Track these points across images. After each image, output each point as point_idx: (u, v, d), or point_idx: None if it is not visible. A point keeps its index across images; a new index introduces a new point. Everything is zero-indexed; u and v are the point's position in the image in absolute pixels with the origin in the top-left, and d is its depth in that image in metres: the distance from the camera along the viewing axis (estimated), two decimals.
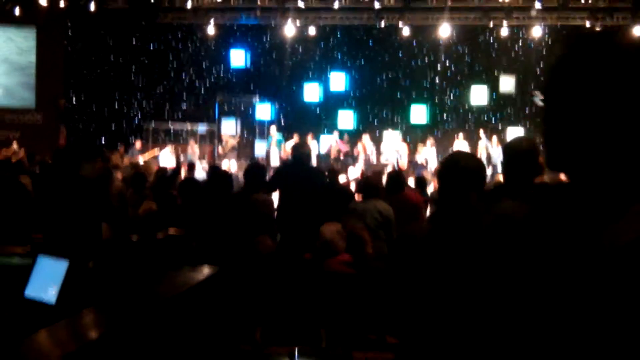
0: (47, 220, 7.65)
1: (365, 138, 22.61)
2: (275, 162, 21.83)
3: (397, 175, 9.85)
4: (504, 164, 4.04)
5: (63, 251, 5.69)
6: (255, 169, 9.37)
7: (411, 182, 13.88)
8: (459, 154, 3.45)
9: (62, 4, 22.26)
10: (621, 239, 1.34)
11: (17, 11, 22.48)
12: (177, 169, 14.07)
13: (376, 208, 8.08)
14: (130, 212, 9.97)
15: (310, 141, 22.49)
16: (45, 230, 7.86)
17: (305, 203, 8.53)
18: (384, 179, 9.83)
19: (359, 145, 22.41)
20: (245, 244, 7.54)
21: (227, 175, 9.12)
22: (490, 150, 21.86)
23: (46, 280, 4.62)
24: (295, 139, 22.03)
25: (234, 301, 5.77)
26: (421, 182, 12.38)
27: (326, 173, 10.55)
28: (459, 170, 3.15)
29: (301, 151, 9.12)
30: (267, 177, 10.06)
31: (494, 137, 22.19)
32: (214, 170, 13.01)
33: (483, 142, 22.19)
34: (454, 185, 3.09)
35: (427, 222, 1.59)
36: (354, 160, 21.96)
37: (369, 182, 8.62)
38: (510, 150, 3.96)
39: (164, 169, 13.17)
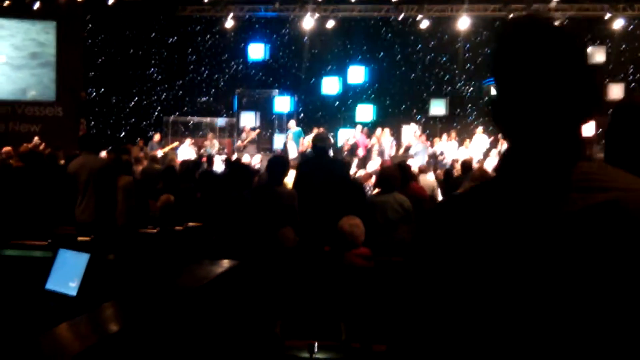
0: None
1: (379, 131, 22.52)
2: (292, 155, 21.82)
3: (404, 168, 9.84)
4: None
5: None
6: (279, 161, 9.36)
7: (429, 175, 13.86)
8: None
9: None
10: (573, 207, 1.44)
11: (36, 5, 22.58)
12: (198, 162, 14.06)
13: (396, 200, 8.05)
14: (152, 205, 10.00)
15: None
16: None
17: (327, 195, 8.50)
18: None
19: (374, 139, 22.33)
20: (269, 237, 7.54)
21: (246, 167, 9.11)
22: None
23: (67, 274, 4.64)
24: (314, 132, 22.03)
25: (254, 294, 5.78)
26: (449, 176, 12.39)
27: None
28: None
29: (322, 143, 9.09)
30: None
31: None
32: (232, 162, 13.02)
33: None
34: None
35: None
36: (369, 153, 21.91)
37: (385, 175, 8.57)
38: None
39: (188, 162, 13.18)
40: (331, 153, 12.64)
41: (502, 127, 1.60)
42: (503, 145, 21.45)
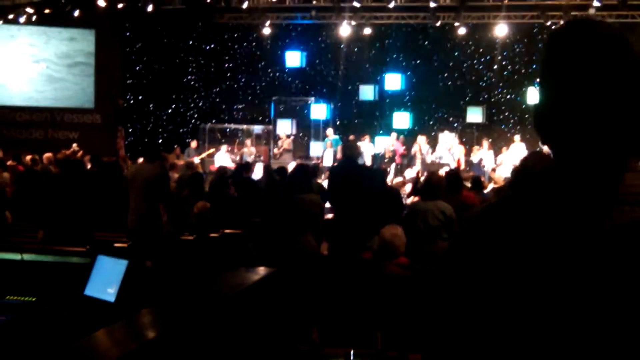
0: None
1: (421, 139, 22.39)
2: (328, 163, 21.81)
3: (456, 176, 9.77)
4: None
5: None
6: (302, 169, 9.38)
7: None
8: None
9: (120, 5, 22.55)
10: (620, 220, 1.41)
11: (76, 13, 22.82)
12: (239, 170, 14.09)
13: (438, 208, 8.00)
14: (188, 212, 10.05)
15: (367, 142, 22.49)
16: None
17: (360, 202, 8.49)
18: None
19: (415, 146, 22.22)
20: (292, 244, 7.55)
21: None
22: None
23: (106, 280, 4.67)
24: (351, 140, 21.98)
25: (292, 302, 5.78)
26: (477, 183, 12.26)
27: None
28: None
29: (350, 151, 9.10)
30: (317, 179, 10.06)
31: None
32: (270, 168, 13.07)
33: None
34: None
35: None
36: (411, 161, 21.83)
37: (430, 182, 8.52)
38: None
39: (223, 169, 13.24)
40: (365, 160, 12.67)
41: (546, 135, 1.54)
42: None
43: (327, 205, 10.24)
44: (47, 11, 22.85)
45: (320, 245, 8.70)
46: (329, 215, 10.95)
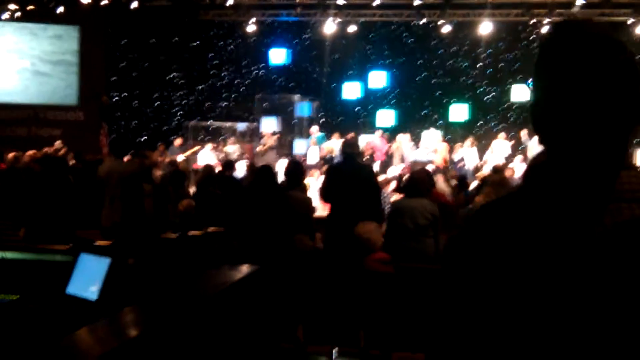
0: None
1: (401, 137, 22.38)
2: (312, 160, 21.77)
3: (428, 175, 9.81)
4: None
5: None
6: (296, 165, 9.36)
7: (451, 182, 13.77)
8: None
9: (104, 2, 22.45)
10: (619, 218, 1.41)
11: (60, 10, 22.69)
12: (224, 168, 14.06)
13: (425, 207, 7.98)
14: (171, 210, 10.02)
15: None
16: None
17: (357, 201, 8.48)
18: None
19: (395, 144, 22.24)
20: (283, 242, 7.54)
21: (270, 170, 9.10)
22: (532, 151, 21.55)
23: (88, 278, 4.65)
24: (335, 137, 21.97)
25: (275, 300, 5.77)
26: (462, 182, 12.31)
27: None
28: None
29: (350, 149, 9.09)
30: (305, 176, 10.03)
31: (535, 137, 21.80)
32: (255, 167, 13.05)
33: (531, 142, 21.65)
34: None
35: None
36: (390, 159, 21.83)
37: (414, 180, 8.52)
38: None
39: (210, 167, 13.21)
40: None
41: (544, 134, 1.58)
42: (530, 151, 21.29)
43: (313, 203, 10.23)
44: (30, 8, 22.71)
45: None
46: (317, 214, 10.96)
